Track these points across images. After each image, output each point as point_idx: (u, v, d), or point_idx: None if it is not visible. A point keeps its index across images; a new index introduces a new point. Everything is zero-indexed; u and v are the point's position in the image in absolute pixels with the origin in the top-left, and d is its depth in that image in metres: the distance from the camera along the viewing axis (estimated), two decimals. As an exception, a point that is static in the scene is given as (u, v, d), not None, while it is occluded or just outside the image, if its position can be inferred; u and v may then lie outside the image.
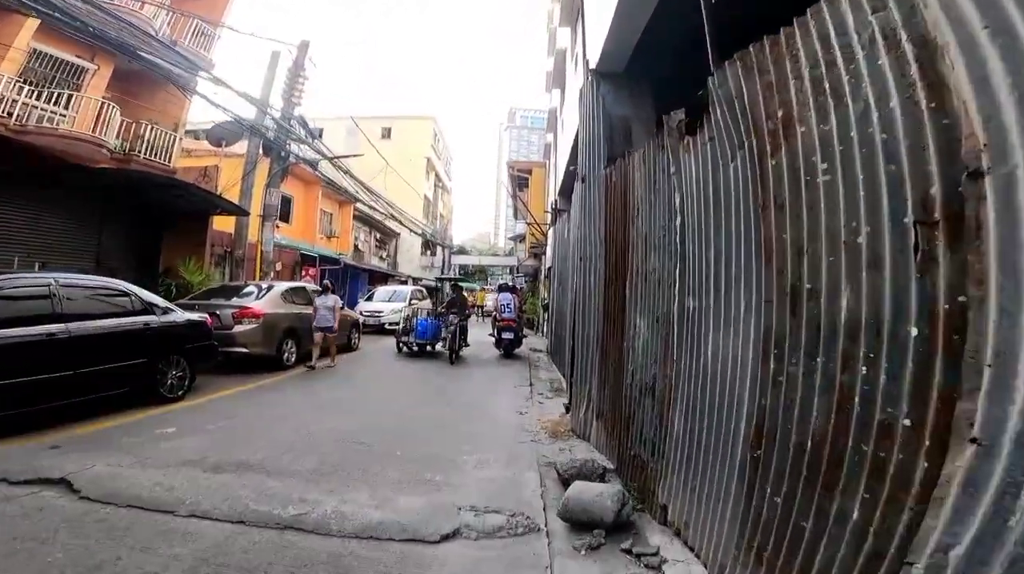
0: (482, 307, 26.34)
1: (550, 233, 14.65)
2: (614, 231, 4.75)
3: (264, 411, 6.02)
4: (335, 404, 6.69)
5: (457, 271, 47.59)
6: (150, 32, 10.22)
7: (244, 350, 7.88)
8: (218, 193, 11.92)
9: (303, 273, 16.91)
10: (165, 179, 10.50)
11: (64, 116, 9.91)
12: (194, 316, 6.60)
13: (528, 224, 19.32)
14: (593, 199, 5.56)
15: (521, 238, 30.70)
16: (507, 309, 12.31)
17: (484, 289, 28.62)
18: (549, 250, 14.67)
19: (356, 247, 29.15)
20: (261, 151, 12.37)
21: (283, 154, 12.39)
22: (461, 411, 6.72)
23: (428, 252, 40.15)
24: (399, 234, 34.25)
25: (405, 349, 11.43)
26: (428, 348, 10.96)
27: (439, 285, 37.56)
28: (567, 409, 6.33)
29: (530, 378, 9.27)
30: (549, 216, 16.84)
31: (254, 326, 7.96)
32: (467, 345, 11.15)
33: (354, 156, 13.48)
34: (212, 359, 6.75)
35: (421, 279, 34.56)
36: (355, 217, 27.89)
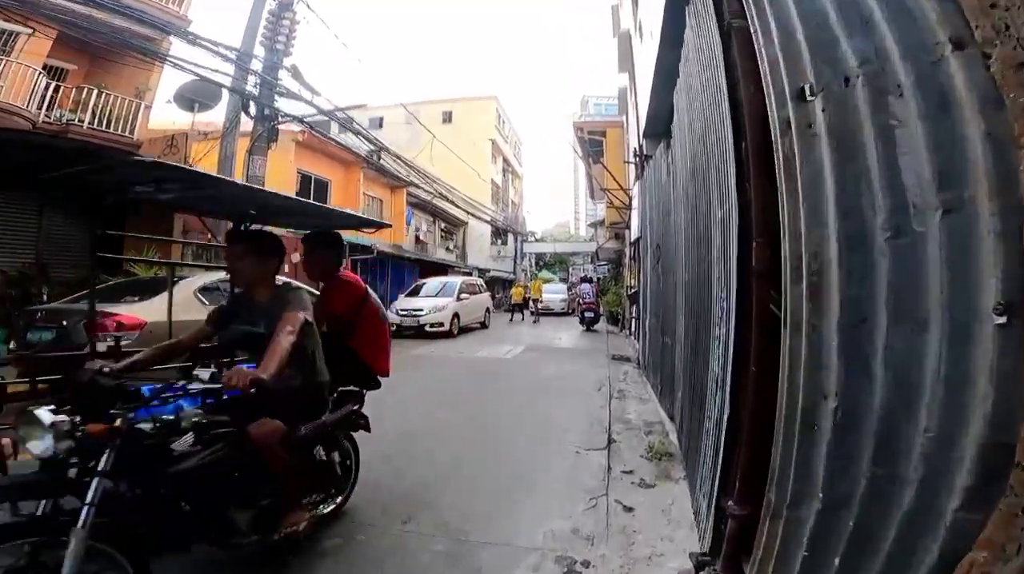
0: (536, 301, 21.91)
1: (635, 190, 10.51)
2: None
3: None
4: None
5: (532, 261, 44.05)
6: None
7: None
8: (185, 165, 9.18)
9: (331, 267, 14.12)
10: (63, 144, 7.75)
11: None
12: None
13: (604, 191, 15.14)
14: None
15: (600, 222, 26.47)
16: (588, 295, 17.14)
17: (538, 278, 24.95)
18: (635, 218, 10.55)
19: (417, 238, 26.54)
20: (245, 114, 9.47)
21: (266, 112, 9.38)
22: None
23: (499, 241, 36.91)
24: (466, 223, 31.33)
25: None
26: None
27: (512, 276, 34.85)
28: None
29: (608, 421, 5.35)
30: (632, 170, 12.62)
31: (126, 342, 4.79)
32: None
33: (358, 108, 10.21)
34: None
35: (489, 271, 31.33)
36: (413, 205, 25.24)
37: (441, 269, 22.84)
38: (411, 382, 7.16)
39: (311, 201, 4.47)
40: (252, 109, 9.30)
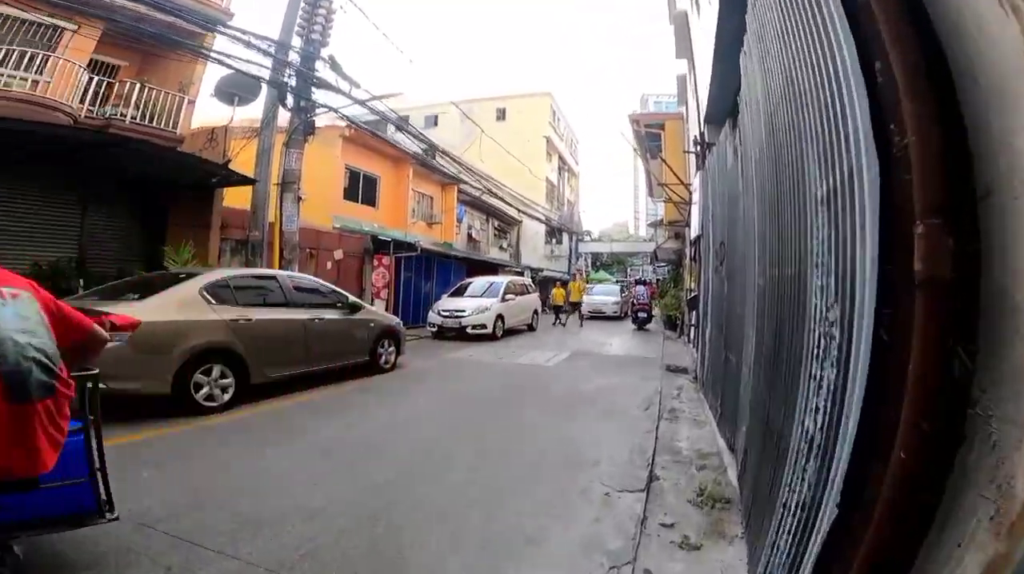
0: (575, 305, 19.57)
1: (695, 183, 9.41)
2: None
3: None
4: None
5: (588, 261, 42.74)
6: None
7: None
8: (226, 160, 9.00)
9: (375, 263, 13.78)
10: (99, 137, 7.62)
11: (13, 78, 7.53)
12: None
13: (662, 186, 13.95)
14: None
15: (660, 222, 25.00)
16: (642, 297, 17.81)
17: (577, 277, 22.86)
18: (695, 214, 9.45)
19: (470, 236, 26.16)
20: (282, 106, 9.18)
21: (302, 104, 9.03)
22: None
23: (553, 240, 35.95)
24: (520, 222, 30.67)
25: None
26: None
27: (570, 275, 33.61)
28: None
29: (653, 451, 4.44)
30: (692, 162, 11.46)
31: (115, 346, 4.36)
32: None
33: (391, 96, 9.66)
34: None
35: (542, 270, 30.48)
36: (466, 202, 24.86)
37: (491, 268, 22.28)
38: (432, 393, 6.49)
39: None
40: (289, 101, 9.00)
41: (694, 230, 8.13)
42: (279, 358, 5.86)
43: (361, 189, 16.24)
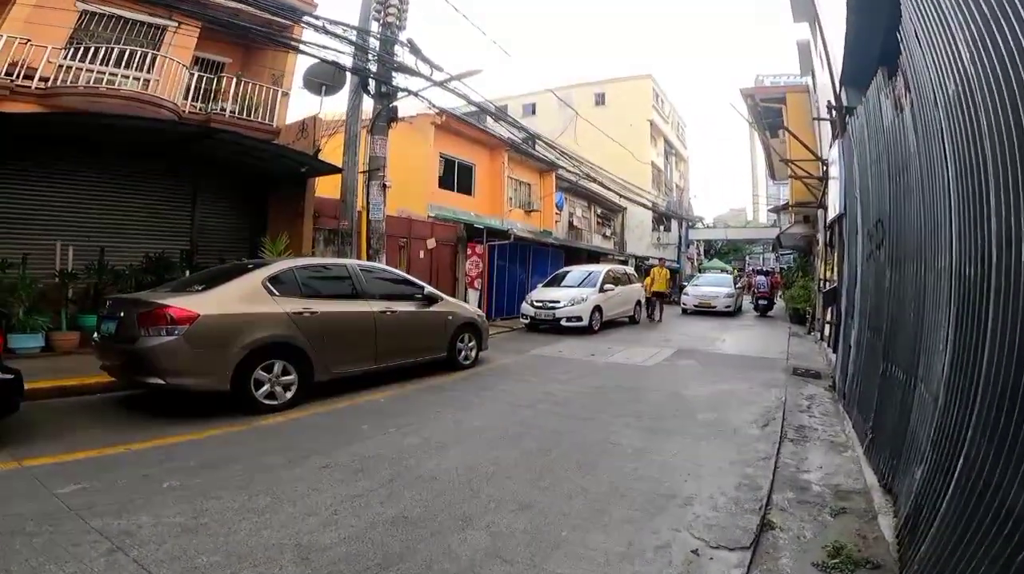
0: (661, 295, 15.36)
1: (831, 155, 7.73)
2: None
3: None
4: None
5: (700, 249, 39.60)
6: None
7: (157, 381, 4.21)
8: (316, 150, 9.04)
9: (469, 251, 13.44)
10: (194, 129, 7.82)
11: (127, 78, 8.06)
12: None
13: (787, 163, 11.96)
14: None
15: (784, 206, 22.07)
16: (763, 286, 18.11)
17: (661, 263, 17.10)
18: (832, 190, 7.75)
19: (571, 223, 25.27)
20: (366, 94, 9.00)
21: (383, 89, 8.76)
22: None
23: (661, 227, 33.69)
24: (624, 209, 29.10)
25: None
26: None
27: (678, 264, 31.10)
28: None
29: (769, 486, 3.37)
30: (824, 134, 9.59)
31: (172, 340, 4.19)
32: None
33: (471, 74, 9.01)
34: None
35: (648, 259, 28.62)
36: (565, 190, 23.98)
37: (592, 256, 21.22)
38: (505, 398, 5.76)
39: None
40: (371, 87, 8.77)
41: (832, 210, 6.58)
42: (346, 354, 5.50)
43: (457, 177, 16.04)
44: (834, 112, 6.74)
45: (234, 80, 9.11)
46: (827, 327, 8.44)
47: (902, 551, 2.31)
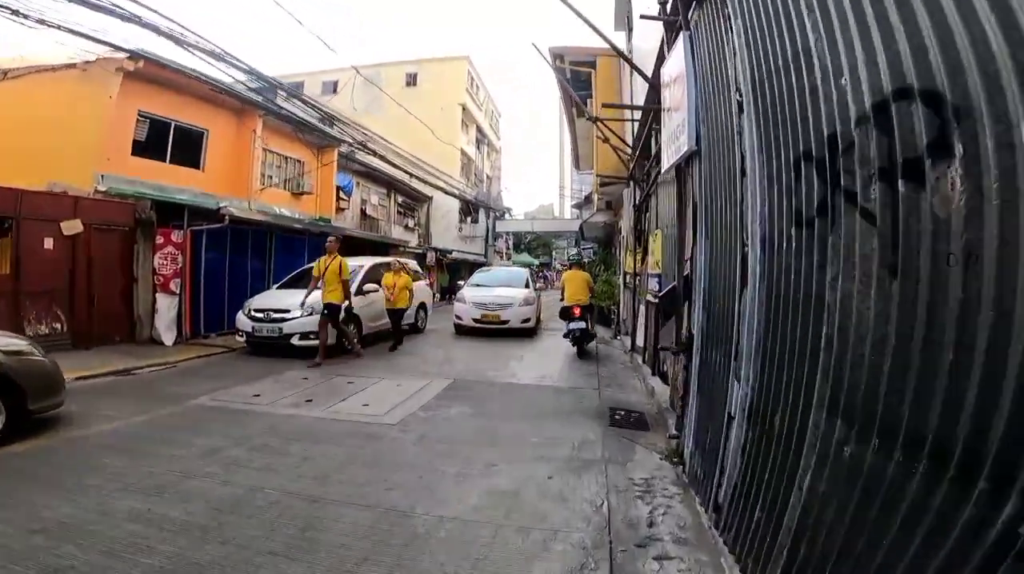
0: (394, 313, 9.23)
1: (669, 67, 5.37)
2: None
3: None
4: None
5: (509, 242, 38.50)
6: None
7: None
8: None
9: (160, 240, 8.71)
10: None
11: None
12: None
13: (595, 121, 9.70)
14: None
15: (587, 199, 20.96)
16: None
17: (396, 265, 9.87)
18: (672, 124, 5.28)
19: (364, 212, 21.19)
20: None
21: None
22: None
23: (468, 219, 31.34)
24: (431, 198, 25.94)
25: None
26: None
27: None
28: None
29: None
30: (636, 87, 7.50)
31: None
32: None
33: None
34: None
35: (451, 252, 26.00)
36: (358, 173, 19.87)
37: (382, 249, 17.58)
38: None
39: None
40: None
41: (673, 154, 4.00)
42: None
43: (172, 144, 10.83)
44: (671, 15, 4.22)
45: None
46: (659, 353, 6.05)
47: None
